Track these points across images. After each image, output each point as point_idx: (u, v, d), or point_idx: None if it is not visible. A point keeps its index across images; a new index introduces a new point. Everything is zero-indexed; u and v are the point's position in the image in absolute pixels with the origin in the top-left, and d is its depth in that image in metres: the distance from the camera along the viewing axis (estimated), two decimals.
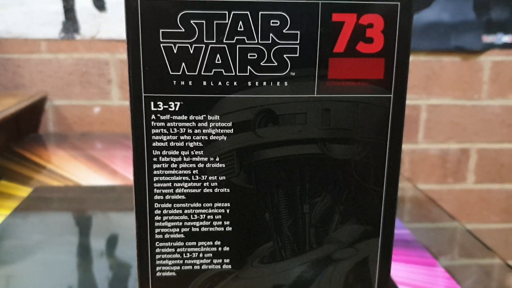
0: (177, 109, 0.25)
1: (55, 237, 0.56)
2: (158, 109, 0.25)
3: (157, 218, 0.26)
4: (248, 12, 0.24)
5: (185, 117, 0.25)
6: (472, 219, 1.17)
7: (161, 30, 0.24)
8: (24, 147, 0.93)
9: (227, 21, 0.24)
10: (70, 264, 0.49)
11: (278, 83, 0.25)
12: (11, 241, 0.55)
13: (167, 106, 0.25)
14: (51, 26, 1.01)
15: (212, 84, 0.25)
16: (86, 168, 0.83)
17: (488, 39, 1.05)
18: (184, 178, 0.26)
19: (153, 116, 0.25)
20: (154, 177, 0.26)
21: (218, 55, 0.25)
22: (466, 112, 1.10)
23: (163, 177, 0.26)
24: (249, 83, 0.25)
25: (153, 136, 0.25)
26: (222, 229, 0.27)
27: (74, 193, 0.72)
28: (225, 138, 0.26)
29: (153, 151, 0.26)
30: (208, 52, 0.25)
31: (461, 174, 1.14)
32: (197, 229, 0.27)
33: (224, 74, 0.25)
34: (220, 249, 0.27)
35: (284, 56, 0.25)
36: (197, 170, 0.26)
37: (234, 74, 0.25)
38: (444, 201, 1.14)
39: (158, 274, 0.27)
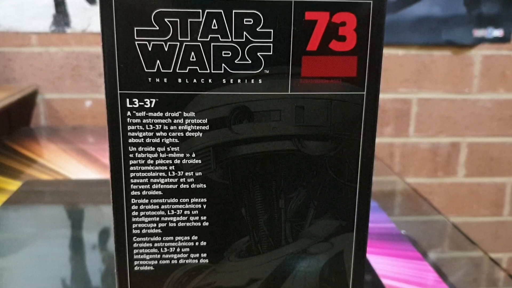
0: (152, 106, 0.25)
1: (44, 230, 0.56)
2: (134, 106, 0.25)
3: (134, 213, 0.27)
4: (222, 11, 0.24)
5: (161, 114, 0.26)
6: (462, 212, 1.17)
7: (135, 28, 0.24)
8: (15, 140, 0.93)
9: (201, 20, 0.24)
10: (60, 257, 0.50)
11: (252, 81, 0.26)
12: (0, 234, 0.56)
13: (142, 103, 0.25)
14: (41, 19, 1.00)
15: (187, 82, 0.25)
16: (77, 162, 0.83)
17: (478, 33, 1.06)
18: (160, 174, 0.26)
19: (128, 113, 0.25)
20: (131, 173, 0.26)
21: (192, 53, 0.25)
22: (457, 106, 1.11)
23: (140, 173, 0.26)
24: (224, 81, 0.25)
25: (129, 133, 0.26)
26: (199, 224, 0.27)
27: (64, 187, 0.72)
28: (200, 135, 0.26)
29: (129, 147, 0.26)
30: (182, 49, 0.25)
31: (452, 168, 1.15)
32: (174, 224, 0.27)
33: (199, 71, 0.25)
34: (197, 243, 0.28)
35: (258, 54, 0.25)
36: (173, 166, 0.26)
37: (209, 71, 0.25)
38: (434, 194, 1.15)
39: (136, 268, 0.28)
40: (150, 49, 0.25)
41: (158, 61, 0.25)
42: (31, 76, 1.03)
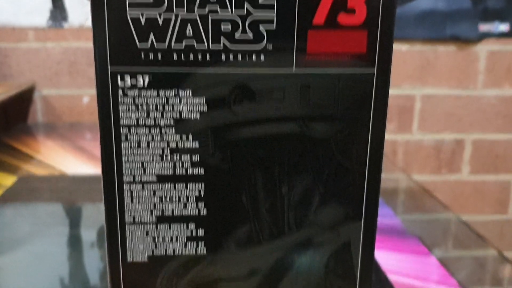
0: (146, 84, 0.24)
1: (38, 227, 0.55)
2: (126, 84, 0.24)
3: (126, 200, 0.25)
4: None
5: (155, 93, 0.24)
6: (466, 210, 1.16)
7: None
8: (12, 137, 0.92)
9: None
10: (55, 254, 0.48)
11: (254, 57, 0.24)
12: None
13: (135, 81, 0.24)
14: (38, 14, 0.99)
15: (183, 58, 0.23)
16: (74, 159, 0.81)
17: (484, 28, 1.04)
18: (155, 158, 0.25)
19: (120, 92, 0.24)
20: (123, 157, 0.24)
21: (189, 26, 0.23)
22: (461, 103, 1.09)
23: (133, 156, 0.25)
24: (223, 57, 0.24)
25: (120, 113, 0.24)
26: (197, 212, 0.26)
27: (59, 183, 0.70)
28: (198, 116, 0.24)
29: (121, 129, 0.24)
30: (178, 22, 0.23)
31: (456, 165, 1.13)
32: (170, 212, 0.25)
33: (196, 47, 0.23)
34: (194, 232, 0.26)
35: (260, 28, 0.23)
36: (168, 150, 0.25)
37: (206, 47, 0.23)
38: (438, 192, 1.13)
39: (129, 259, 0.26)
40: (143, 22, 0.23)
41: (151, 35, 0.23)
42: (28, 72, 1.02)
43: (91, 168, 0.77)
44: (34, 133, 0.98)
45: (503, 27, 1.04)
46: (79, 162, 0.80)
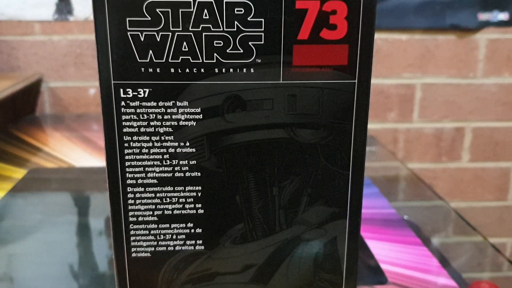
0: (146, 95, 0.26)
1: (50, 217, 0.57)
2: (128, 95, 0.26)
3: (130, 201, 0.27)
4: (213, 0, 0.25)
5: (154, 103, 0.26)
6: (466, 197, 1.17)
7: (127, 19, 0.25)
8: (20, 129, 0.94)
9: (192, 9, 0.25)
10: (66, 243, 0.51)
11: (244, 70, 0.26)
12: (3, 221, 0.56)
13: (136, 93, 0.26)
14: (44, 7, 1.01)
15: (180, 71, 0.26)
16: (81, 150, 0.83)
17: (484, 16, 1.05)
18: (155, 162, 0.27)
19: (122, 103, 0.26)
20: (126, 162, 0.27)
21: (184, 43, 0.25)
22: (461, 91, 1.10)
23: (135, 162, 0.27)
24: (216, 70, 0.26)
25: (123, 122, 0.26)
26: (194, 211, 0.28)
27: (68, 175, 0.73)
28: (194, 124, 0.26)
29: (124, 136, 0.26)
30: (174, 39, 0.25)
31: (456, 153, 1.14)
32: (170, 212, 0.28)
33: (192, 61, 0.25)
34: (192, 231, 0.28)
35: (250, 43, 0.25)
36: (168, 155, 0.27)
37: (201, 61, 0.25)
38: (438, 179, 1.15)
39: (134, 255, 0.28)
40: (142, 39, 0.25)
41: (150, 51, 0.25)
42: (35, 64, 1.04)
43: (98, 159, 0.79)
44: (42, 125, 1.00)
45: (503, 15, 1.05)
46: (85, 153, 0.82)
